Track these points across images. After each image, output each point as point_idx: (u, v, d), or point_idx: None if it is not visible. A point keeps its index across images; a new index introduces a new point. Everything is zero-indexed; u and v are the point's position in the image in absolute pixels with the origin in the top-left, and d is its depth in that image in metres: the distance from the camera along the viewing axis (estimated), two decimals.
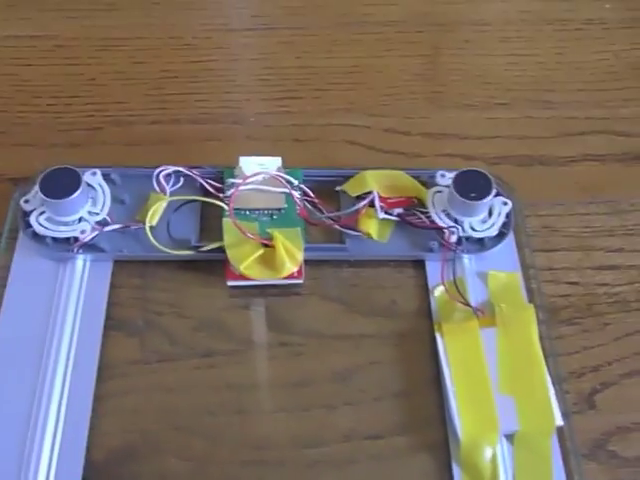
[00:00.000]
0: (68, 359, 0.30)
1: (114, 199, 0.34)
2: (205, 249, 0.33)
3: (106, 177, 0.34)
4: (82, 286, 0.32)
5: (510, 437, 0.29)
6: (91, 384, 0.30)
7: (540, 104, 0.41)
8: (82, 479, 0.28)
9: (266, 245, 0.32)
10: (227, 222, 0.32)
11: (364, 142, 0.38)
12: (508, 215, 0.34)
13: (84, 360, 0.30)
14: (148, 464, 0.28)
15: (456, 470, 0.28)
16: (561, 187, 0.37)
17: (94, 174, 0.34)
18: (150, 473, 0.28)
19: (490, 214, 0.34)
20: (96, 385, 0.30)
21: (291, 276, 0.32)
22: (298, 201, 0.34)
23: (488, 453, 0.28)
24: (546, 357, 0.30)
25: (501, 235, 0.34)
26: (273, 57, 0.42)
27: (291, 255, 0.32)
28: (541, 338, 0.31)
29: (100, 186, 0.34)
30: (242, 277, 0.32)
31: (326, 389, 0.30)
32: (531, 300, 0.33)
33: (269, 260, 0.32)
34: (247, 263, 0.31)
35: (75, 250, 0.33)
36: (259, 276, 0.32)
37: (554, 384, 0.30)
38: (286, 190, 0.34)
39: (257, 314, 0.32)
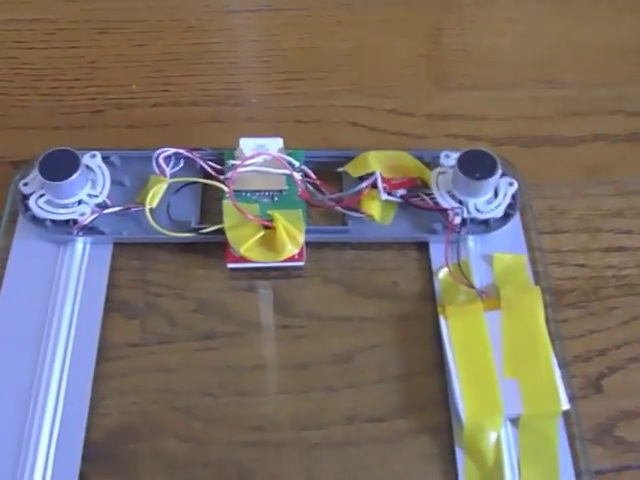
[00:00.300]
0: (68, 341, 0.30)
1: (114, 181, 0.34)
2: (205, 231, 0.32)
3: (106, 159, 0.34)
4: (82, 269, 0.32)
5: (515, 421, 0.29)
6: (91, 365, 0.30)
7: (546, 84, 0.40)
8: (81, 459, 0.28)
9: (267, 227, 0.32)
10: (227, 204, 0.32)
11: (367, 123, 0.38)
12: (514, 196, 0.33)
13: (84, 342, 0.30)
14: (147, 445, 0.28)
15: (459, 454, 0.28)
16: (568, 168, 0.37)
17: (93, 156, 0.34)
18: (149, 454, 0.28)
19: (496, 195, 0.33)
20: (96, 366, 0.30)
21: (292, 258, 0.32)
22: (299, 182, 0.33)
23: (492, 437, 0.28)
24: (552, 341, 0.30)
25: (507, 216, 0.33)
26: (275, 38, 0.42)
27: (292, 237, 0.31)
28: (547, 321, 0.30)
29: (99, 168, 0.33)
30: (242, 259, 0.31)
31: (327, 371, 0.30)
32: (537, 283, 0.32)
33: (270, 242, 0.32)
34: (247, 245, 0.31)
35: (75, 233, 0.32)
36: (259, 258, 0.31)
37: (560, 368, 0.29)
38: (287, 171, 0.33)
39: (257, 296, 0.32)
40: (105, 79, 0.40)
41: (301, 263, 0.32)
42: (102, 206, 0.33)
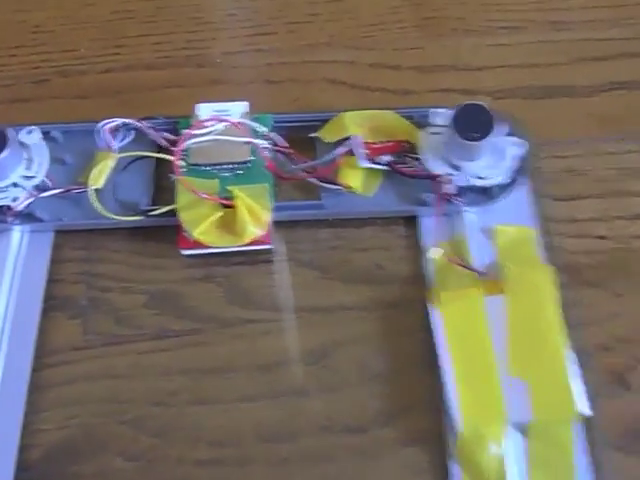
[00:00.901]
0: (0, 345, 0.27)
1: (55, 160, 0.30)
2: (155, 213, 0.29)
3: (46, 135, 0.30)
4: (18, 262, 0.29)
5: (522, 428, 0.25)
6: (26, 374, 0.27)
7: (552, 25, 0.36)
8: None
9: (227, 206, 0.28)
10: (179, 180, 0.28)
11: (347, 80, 0.34)
12: (521, 158, 0.30)
13: (19, 346, 0.27)
14: (90, 464, 0.26)
15: (453, 468, 0.25)
16: (582, 122, 0.33)
17: (30, 132, 0.30)
18: (92, 474, 0.26)
19: (498, 157, 0.29)
20: (33, 374, 0.27)
21: (256, 241, 0.28)
22: (266, 152, 0.29)
23: (493, 448, 0.25)
24: (568, 328, 0.27)
25: (512, 182, 0.30)
26: None
27: (255, 216, 0.28)
28: (562, 305, 0.27)
29: (36, 145, 0.30)
30: (198, 244, 0.28)
31: (298, 372, 0.27)
32: (550, 260, 0.29)
33: (230, 223, 0.28)
34: (202, 228, 0.28)
35: (9, 221, 0.29)
36: (218, 243, 0.28)
37: (578, 361, 0.26)
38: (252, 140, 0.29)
39: (217, 287, 0.29)
40: (50, 45, 0.36)
41: (268, 246, 0.29)
42: (41, 188, 0.29)
